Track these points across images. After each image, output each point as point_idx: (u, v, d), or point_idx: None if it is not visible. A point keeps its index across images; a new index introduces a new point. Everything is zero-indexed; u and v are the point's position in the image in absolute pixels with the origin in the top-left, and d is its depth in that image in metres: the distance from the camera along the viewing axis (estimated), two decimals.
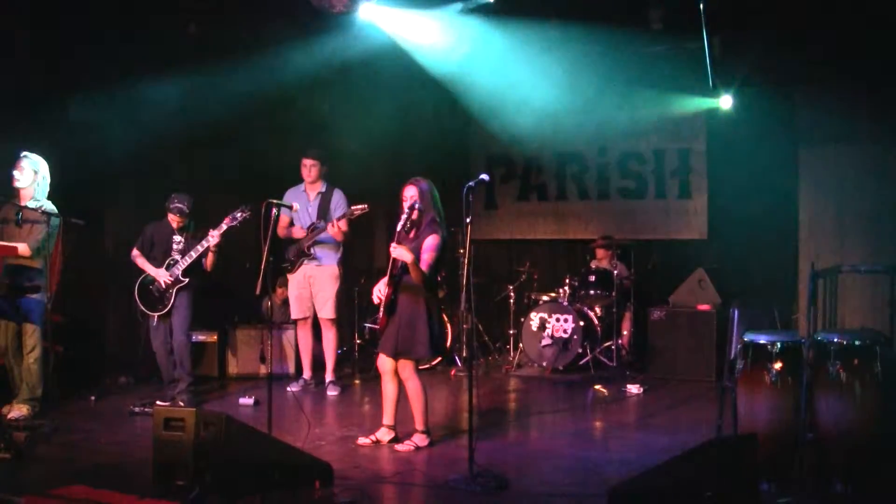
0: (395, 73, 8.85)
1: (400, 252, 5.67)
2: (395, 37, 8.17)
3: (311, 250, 7.84)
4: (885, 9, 7.09)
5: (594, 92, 9.93)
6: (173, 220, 7.24)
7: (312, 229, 7.83)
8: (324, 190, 7.95)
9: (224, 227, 7.06)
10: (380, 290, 5.95)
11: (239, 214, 7.00)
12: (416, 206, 5.80)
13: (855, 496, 4.79)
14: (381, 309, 5.90)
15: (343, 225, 7.62)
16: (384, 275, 5.99)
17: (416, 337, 5.81)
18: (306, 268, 7.88)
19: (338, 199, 7.91)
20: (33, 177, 6.71)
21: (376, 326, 6.20)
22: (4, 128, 7.22)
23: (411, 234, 5.87)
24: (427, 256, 5.75)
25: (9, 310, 6.64)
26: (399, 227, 5.76)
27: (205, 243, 7.11)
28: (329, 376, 7.97)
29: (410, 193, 5.87)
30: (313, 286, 7.88)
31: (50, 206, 6.69)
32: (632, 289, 9.23)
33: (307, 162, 7.90)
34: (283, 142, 8.93)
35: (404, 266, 5.75)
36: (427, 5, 7.96)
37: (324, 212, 7.87)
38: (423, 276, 5.71)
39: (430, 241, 5.79)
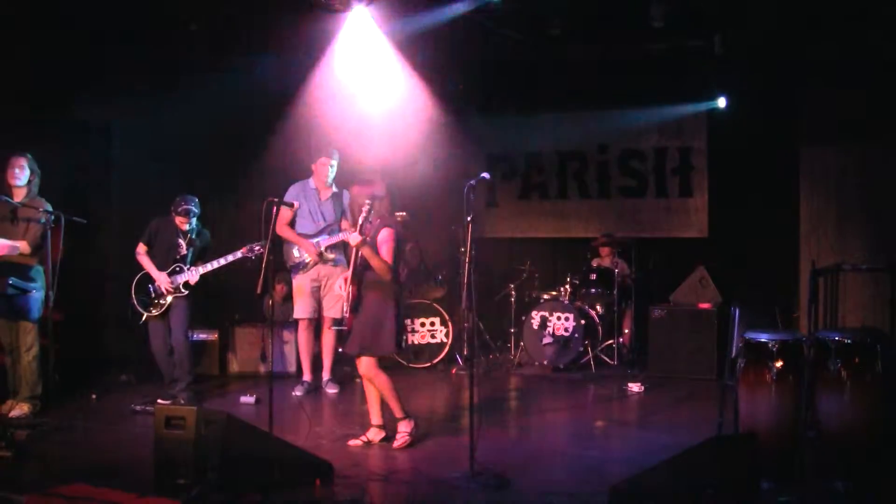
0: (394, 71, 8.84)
1: (353, 237, 5.71)
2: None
3: (331, 252, 7.76)
4: (884, 8, 7.09)
5: (594, 90, 9.96)
6: (182, 221, 7.22)
7: (330, 231, 7.72)
8: (336, 191, 7.86)
9: (239, 255, 7.09)
10: (341, 286, 5.96)
11: (257, 247, 7.00)
12: (368, 201, 5.79)
13: (856, 494, 4.78)
14: (347, 308, 5.87)
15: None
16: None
17: (383, 333, 5.82)
18: (321, 268, 7.76)
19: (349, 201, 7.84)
20: (30, 176, 6.73)
21: (344, 328, 6.18)
22: (6, 128, 7.23)
23: (363, 229, 5.87)
24: (385, 248, 5.79)
25: (6, 308, 6.64)
26: (361, 220, 5.77)
27: (215, 263, 7.14)
28: (326, 375, 7.95)
29: (355, 192, 5.96)
30: (324, 287, 7.80)
31: (46, 205, 6.69)
32: (632, 287, 9.23)
33: (329, 161, 7.73)
34: (284, 141, 8.92)
35: (365, 262, 5.80)
36: (430, 5, 7.96)
37: (338, 214, 7.81)
38: (385, 264, 5.75)
39: (384, 235, 5.82)
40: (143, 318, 7.25)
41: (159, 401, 6.82)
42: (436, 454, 5.80)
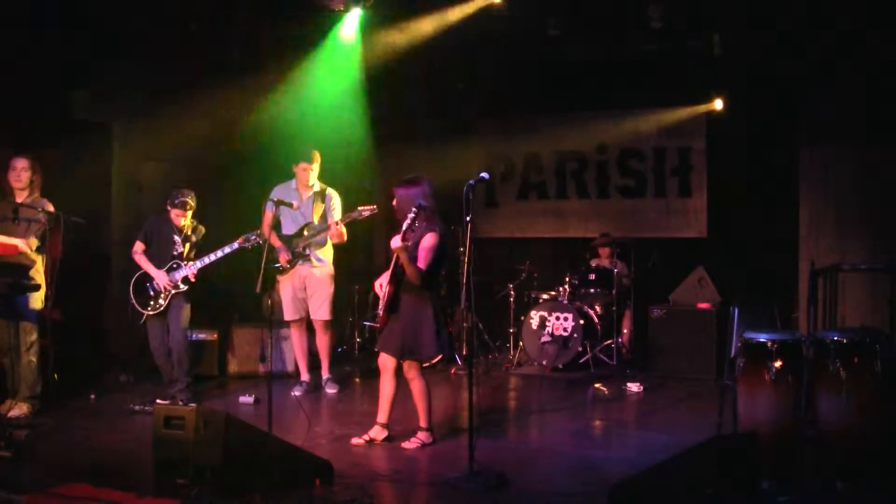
0: (393, 70, 8.85)
1: (395, 241, 5.63)
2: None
3: (307, 251, 7.74)
4: (884, 8, 7.09)
5: (593, 90, 9.98)
6: (178, 215, 7.20)
7: (307, 229, 7.70)
8: (317, 189, 7.81)
9: (236, 245, 7.07)
10: (381, 284, 5.94)
11: (253, 237, 6.98)
12: (414, 210, 5.69)
13: (855, 494, 4.79)
14: (382, 306, 5.89)
15: (342, 227, 7.50)
16: (385, 269, 5.98)
17: (422, 338, 5.81)
18: (301, 269, 7.73)
19: (334, 200, 7.80)
20: (32, 176, 6.74)
21: (376, 325, 6.18)
22: (5, 128, 7.23)
23: (406, 235, 5.79)
24: (424, 255, 5.74)
25: (5, 308, 6.64)
26: (406, 226, 5.65)
27: (212, 256, 7.12)
28: (325, 374, 7.93)
29: (396, 194, 5.89)
30: (308, 287, 7.76)
31: (47, 205, 6.70)
32: (632, 287, 9.24)
33: (309, 166, 7.68)
34: (283, 140, 8.93)
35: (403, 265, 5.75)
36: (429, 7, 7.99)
37: (319, 212, 7.77)
38: (418, 272, 5.72)
39: (427, 241, 5.77)
40: (144, 318, 7.24)
41: (158, 401, 6.76)
42: (435, 454, 5.80)
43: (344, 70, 8.72)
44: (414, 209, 5.64)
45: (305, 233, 7.66)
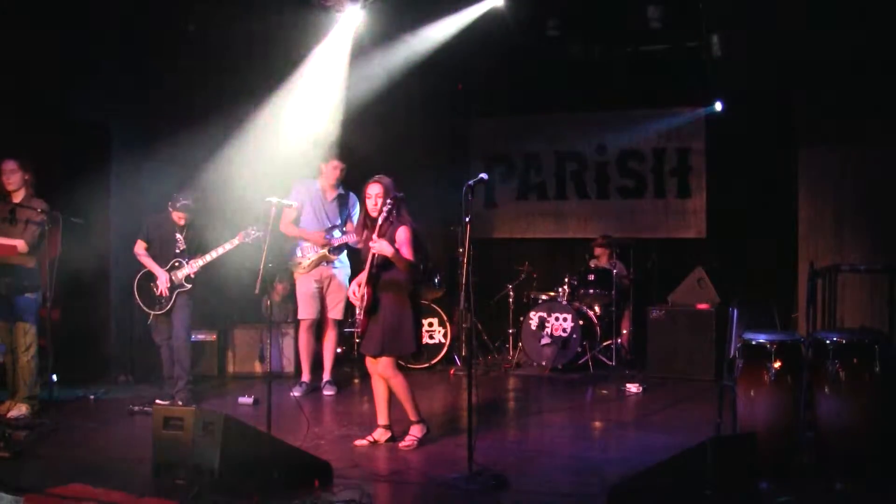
0: (394, 71, 8.85)
1: (381, 246, 5.65)
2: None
3: (334, 253, 7.75)
4: (884, 9, 7.10)
5: (593, 91, 9.97)
6: (179, 217, 7.21)
7: (340, 231, 7.71)
8: (342, 192, 7.85)
9: (236, 242, 7.07)
10: (354, 292, 5.92)
11: (253, 232, 6.98)
12: (390, 201, 5.71)
13: (854, 495, 4.79)
14: (361, 310, 5.86)
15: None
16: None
17: (402, 333, 5.81)
18: (324, 269, 7.75)
19: (356, 205, 7.82)
20: (24, 176, 6.75)
21: (357, 330, 6.18)
22: (3, 127, 7.23)
23: (381, 230, 5.80)
24: (406, 250, 5.75)
25: (4, 309, 6.63)
26: (380, 223, 5.71)
27: (213, 254, 7.13)
28: (326, 376, 7.93)
29: (375, 191, 5.84)
30: (328, 287, 7.79)
31: (43, 205, 6.70)
32: (631, 288, 9.24)
33: (337, 164, 7.71)
34: (281, 138, 8.92)
35: (382, 264, 5.76)
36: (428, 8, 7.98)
37: (343, 216, 7.81)
38: (410, 264, 5.73)
39: (403, 234, 5.76)
40: (151, 317, 7.24)
41: (157, 401, 6.80)
42: (435, 455, 5.80)
43: (344, 71, 8.72)
44: (389, 201, 5.66)
45: (345, 236, 7.68)
